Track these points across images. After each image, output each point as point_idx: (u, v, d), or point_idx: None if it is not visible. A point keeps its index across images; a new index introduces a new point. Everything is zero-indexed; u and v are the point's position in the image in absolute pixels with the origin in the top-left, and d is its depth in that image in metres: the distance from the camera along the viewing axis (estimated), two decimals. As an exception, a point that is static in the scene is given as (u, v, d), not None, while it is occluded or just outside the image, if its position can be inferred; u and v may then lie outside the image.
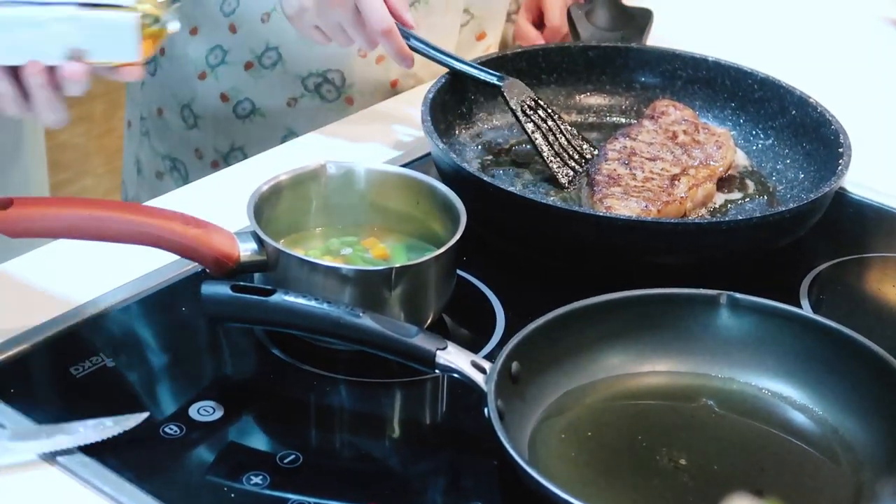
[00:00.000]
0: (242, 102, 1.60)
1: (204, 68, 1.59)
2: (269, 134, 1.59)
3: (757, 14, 1.85)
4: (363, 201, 1.26)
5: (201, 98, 1.61)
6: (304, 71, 1.58)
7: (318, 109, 1.60)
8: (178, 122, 1.64)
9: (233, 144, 1.62)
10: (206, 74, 1.59)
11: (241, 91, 1.59)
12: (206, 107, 1.61)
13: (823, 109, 1.43)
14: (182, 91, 1.62)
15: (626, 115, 1.54)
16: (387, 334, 1.07)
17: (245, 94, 1.59)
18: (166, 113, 1.64)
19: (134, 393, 1.13)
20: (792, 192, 1.41)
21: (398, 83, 1.61)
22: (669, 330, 1.16)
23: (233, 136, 1.61)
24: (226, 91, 1.60)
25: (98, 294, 1.21)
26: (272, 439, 1.09)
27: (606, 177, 1.36)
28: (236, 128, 1.61)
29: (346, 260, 1.21)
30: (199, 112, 1.62)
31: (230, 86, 1.59)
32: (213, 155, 1.63)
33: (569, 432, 1.09)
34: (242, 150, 1.60)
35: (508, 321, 1.22)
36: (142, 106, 1.68)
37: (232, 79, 1.59)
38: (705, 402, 1.13)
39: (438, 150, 1.33)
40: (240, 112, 1.60)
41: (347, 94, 1.60)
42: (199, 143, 1.63)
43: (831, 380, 1.12)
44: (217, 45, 1.58)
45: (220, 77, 1.59)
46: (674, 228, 1.26)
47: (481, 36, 1.65)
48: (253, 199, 1.19)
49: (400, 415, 1.15)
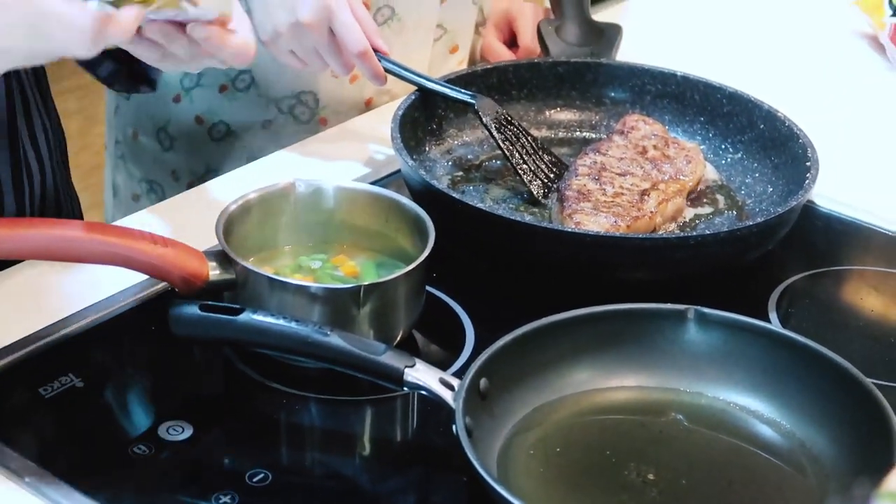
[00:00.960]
0: (217, 125, 1.60)
1: (179, 91, 1.60)
2: (244, 155, 1.59)
3: (726, 29, 1.86)
4: (332, 219, 1.26)
5: (176, 121, 1.61)
6: (277, 93, 1.59)
7: (292, 131, 1.60)
8: (154, 145, 1.64)
9: (208, 166, 1.62)
10: (181, 97, 1.60)
11: (216, 113, 1.60)
12: (182, 129, 1.61)
13: (791, 123, 1.44)
14: (157, 114, 1.62)
15: (595, 130, 1.55)
16: (355, 353, 1.07)
17: (220, 116, 1.59)
18: (141, 136, 1.65)
19: (103, 413, 1.13)
20: (761, 206, 1.42)
21: (372, 101, 1.62)
22: (638, 345, 1.16)
23: (208, 158, 1.62)
24: (201, 113, 1.60)
25: (67, 314, 1.21)
26: (242, 458, 1.09)
27: (576, 192, 1.36)
28: (211, 150, 1.61)
29: (316, 277, 1.22)
30: (175, 134, 1.62)
31: (205, 108, 1.60)
32: (189, 176, 1.63)
33: (538, 448, 1.09)
34: (218, 172, 1.61)
35: (478, 337, 1.23)
36: (117, 130, 1.68)
37: (207, 101, 1.59)
38: (674, 417, 1.13)
39: (408, 167, 1.34)
40: (215, 134, 1.60)
41: (321, 114, 1.60)
42: (175, 165, 1.63)
43: (799, 393, 1.12)
44: None
45: (195, 100, 1.60)
46: (642, 244, 1.27)
47: (454, 49, 1.65)
48: (222, 219, 1.19)
49: (370, 432, 1.16)
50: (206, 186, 1.47)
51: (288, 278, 1.18)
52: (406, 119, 1.42)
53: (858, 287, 1.36)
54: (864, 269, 1.39)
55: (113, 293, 1.24)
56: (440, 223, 1.22)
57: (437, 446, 1.11)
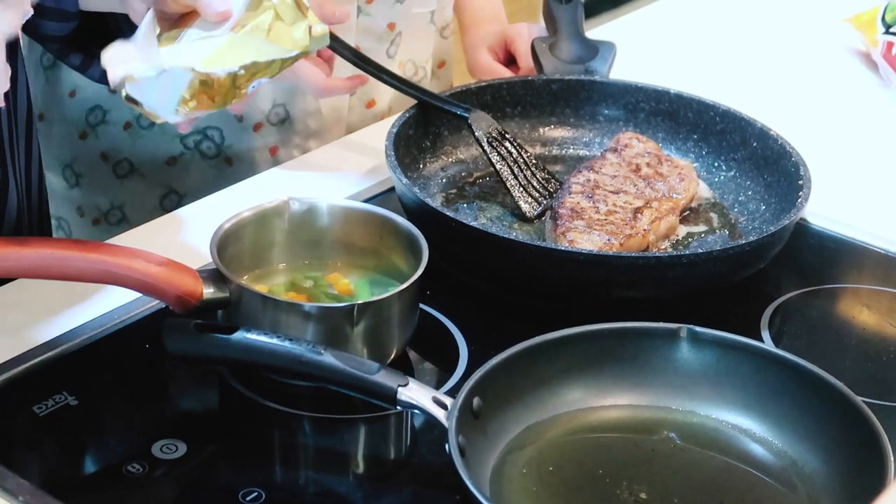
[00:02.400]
0: (121, 162, 1.60)
1: (84, 128, 1.60)
2: (148, 192, 1.58)
3: (719, 47, 1.86)
4: (326, 237, 1.26)
5: (81, 158, 1.61)
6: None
7: (198, 167, 1.61)
8: (61, 183, 1.64)
9: (113, 203, 1.62)
10: (87, 134, 1.60)
11: (121, 151, 1.59)
12: (87, 166, 1.61)
13: (784, 141, 1.45)
14: (63, 151, 1.63)
15: (589, 148, 1.55)
16: (348, 371, 1.08)
17: (124, 154, 1.59)
18: (48, 172, 1.65)
19: (97, 431, 1.13)
20: (754, 224, 1.42)
21: (277, 151, 1.62)
22: (630, 363, 1.16)
23: (112, 195, 1.62)
24: (106, 151, 1.60)
25: (61, 332, 1.21)
26: (235, 477, 1.09)
27: (570, 210, 1.37)
28: (116, 187, 1.61)
29: (310, 295, 1.22)
30: (80, 171, 1.62)
31: (110, 145, 1.60)
32: (95, 213, 1.63)
33: (530, 467, 1.09)
34: (121, 209, 1.61)
35: (472, 355, 1.23)
36: None
37: (111, 139, 1.59)
38: (666, 435, 1.14)
39: (402, 184, 1.34)
40: (119, 172, 1.60)
41: (227, 153, 1.61)
42: (80, 201, 1.63)
43: (790, 412, 1.12)
44: (97, 104, 1.58)
45: (101, 136, 1.59)
46: (635, 262, 1.27)
47: (371, 104, 1.64)
48: (216, 237, 1.19)
49: (363, 451, 1.16)
50: (197, 205, 1.47)
51: (281, 297, 1.18)
52: (401, 136, 1.43)
53: (851, 305, 1.36)
54: (856, 287, 1.39)
55: (107, 311, 1.24)
56: (434, 241, 1.22)
57: (430, 465, 1.11)
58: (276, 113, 1.57)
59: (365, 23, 1.57)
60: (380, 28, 1.58)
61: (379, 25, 1.58)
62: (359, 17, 1.56)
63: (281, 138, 1.57)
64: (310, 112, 1.58)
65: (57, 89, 1.60)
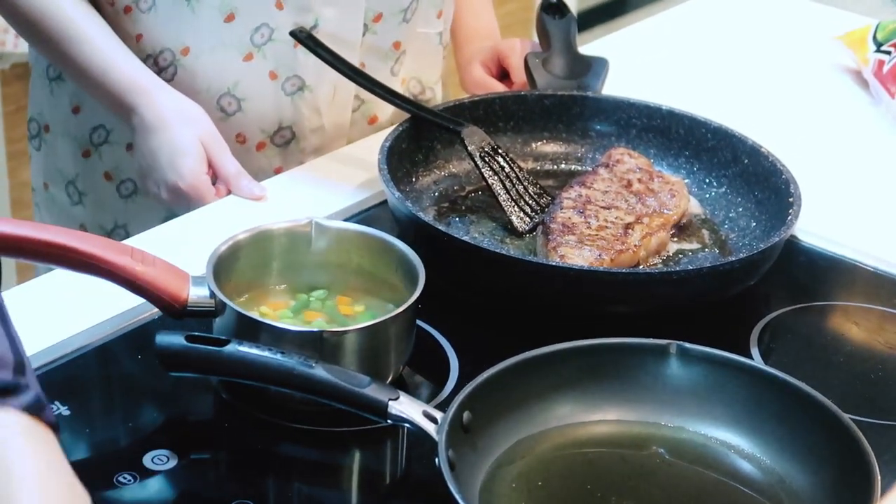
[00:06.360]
0: (125, 182, 1.60)
1: (88, 146, 1.60)
2: (151, 213, 1.59)
3: (711, 63, 1.87)
4: (325, 258, 1.26)
5: (84, 176, 1.62)
6: None
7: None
8: (64, 198, 1.64)
9: (116, 222, 1.62)
10: (91, 152, 1.60)
11: (124, 171, 1.60)
12: (90, 184, 1.62)
13: (775, 159, 1.46)
14: (66, 168, 1.63)
15: (581, 163, 1.56)
16: (339, 385, 1.08)
17: (128, 174, 1.59)
18: (52, 188, 1.65)
19: (89, 441, 1.14)
20: (744, 241, 1.43)
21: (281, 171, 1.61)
22: (620, 379, 1.17)
23: (116, 214, 1.62)
24: (109, 170, 1.60)
25: (53, 342, 1.22)
26: (226, 488, 1.10)
27: (561, 225, 1.38)
28: (119, 206, 1.61)
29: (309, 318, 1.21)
30: (83, 189, 1.62)
31: (113, 165, 1.60)
32: (99, 231, 1.62)
33: (519, 481, 1.10)
34: (125, 228, 1.61)
35: (462, 369, 1.23)
36: (34, 179, 1.69)
37: (115, 158, 1.60)
38: (655, 451, 1.14)
39: (394, 198, 1.35)
40: (123, 191, 1.61)
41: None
42: (83, 219, 1.63)
43: (778, 429, 1.13)
44: (100, 124, 1.59)
45: (104, 156, 1.60)
46: (625, 279, 1.28)
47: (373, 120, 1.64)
48: (211, 260, 1.19)
49: (354, 464, 1.16)
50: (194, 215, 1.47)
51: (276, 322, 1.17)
52: (394, 150, 1.43)
53: (840, 322, 1.37)
54: (845, 305, 1.40)
55: (99, 322, 1.25)
56: (425, 255, 1.23)
57: (421, 478, 1.12)
58: (282, 135, 1.57)
59: (370, 41, 1.57)
60: (385, 46, 1.58)
61: (385, 44, 1.58)
62: (365, 36, 1.56)
63: (284, 158, 1.58)
64: (313, 129, 1.58)
65: (61, 102, 1.60)
